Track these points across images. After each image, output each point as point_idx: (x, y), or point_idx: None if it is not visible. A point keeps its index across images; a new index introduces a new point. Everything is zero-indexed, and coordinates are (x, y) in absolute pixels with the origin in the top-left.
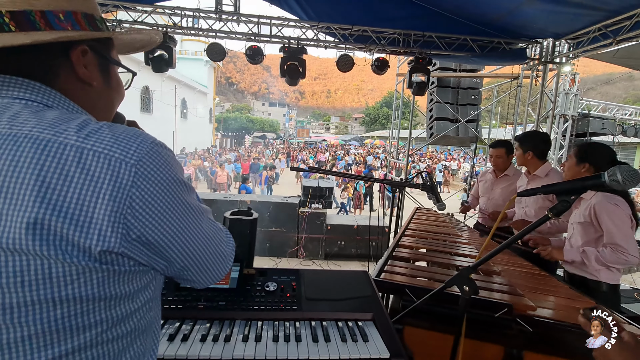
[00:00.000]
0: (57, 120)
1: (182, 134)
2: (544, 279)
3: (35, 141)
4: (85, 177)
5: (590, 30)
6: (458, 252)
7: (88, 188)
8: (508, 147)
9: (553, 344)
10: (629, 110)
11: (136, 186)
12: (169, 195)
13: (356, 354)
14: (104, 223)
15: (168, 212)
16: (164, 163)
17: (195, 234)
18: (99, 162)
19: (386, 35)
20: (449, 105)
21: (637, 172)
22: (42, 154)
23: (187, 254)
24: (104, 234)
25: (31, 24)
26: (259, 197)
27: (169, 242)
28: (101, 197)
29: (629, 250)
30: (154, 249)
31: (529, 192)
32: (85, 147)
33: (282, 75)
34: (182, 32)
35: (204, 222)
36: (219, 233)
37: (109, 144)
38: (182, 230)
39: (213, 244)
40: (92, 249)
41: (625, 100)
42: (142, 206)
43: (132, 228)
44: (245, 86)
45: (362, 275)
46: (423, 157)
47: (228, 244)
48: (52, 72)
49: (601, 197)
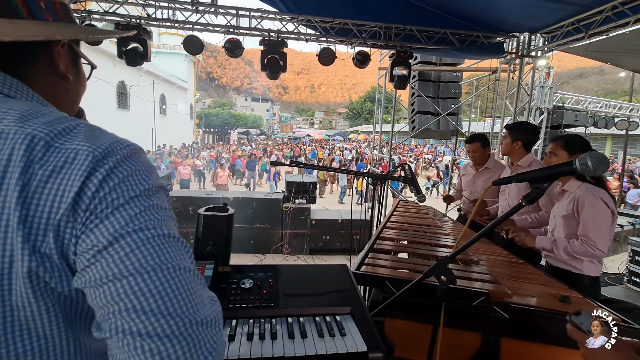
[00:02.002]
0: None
1: (162, 130)
2: (520, 267)
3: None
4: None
5: (564, 24)
6: (439, 243)
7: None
8: (483, 140)
9: (528, 330)
10: (600, 102)
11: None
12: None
13: (333, 349)
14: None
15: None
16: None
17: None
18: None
19: (367, 29)
20: (430, 98)
21: (606, 158)
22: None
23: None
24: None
25: (13, 11)
26: (242, 193)
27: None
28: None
29: (597, 244)
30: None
31: (504, 180)
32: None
33: (262, 69)
34: (157, 24)
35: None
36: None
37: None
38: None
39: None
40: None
41: (597, 93)
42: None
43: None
44: (227, 81)
45: (341, 269)
46: (402, 150)
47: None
48: (27, 64)
49: (585, 189)
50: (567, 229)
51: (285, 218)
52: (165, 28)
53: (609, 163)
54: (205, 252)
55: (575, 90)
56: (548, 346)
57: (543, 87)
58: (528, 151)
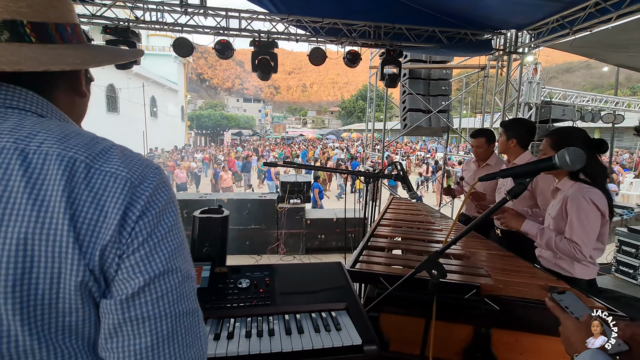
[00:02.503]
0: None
1: (153, 133)
2: (510, 260)
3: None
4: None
5: (549, 21)
6: (431, 238)
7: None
8: (488, 136)
9: (518, 320)
10: (586, 97)
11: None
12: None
13: (329, 343)
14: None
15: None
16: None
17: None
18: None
19: (357, 28)
20: (420, 96)
21: (583, 153)
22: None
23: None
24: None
25: (49, 37)
26: (236, 195)
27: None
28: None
29: (582, 248)
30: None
31: (489, 176)
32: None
33: (253, 70)
34: (146, 26)
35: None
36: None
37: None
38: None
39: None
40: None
41: (584, 87)
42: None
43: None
44: (218, 82)
45: (335, 266)
46: (395, 148)
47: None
48: (53, 84)
49: (577, 188)
50: (557, 230)
51: (281, 218)
52: (155, 30)
53: (585, 158)
54: (202, 253)
55: (563, 85)
56: (537, 335)
57: (531, 82)
58: (524, 149)
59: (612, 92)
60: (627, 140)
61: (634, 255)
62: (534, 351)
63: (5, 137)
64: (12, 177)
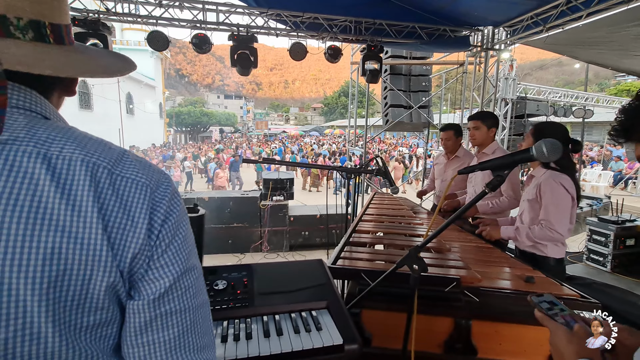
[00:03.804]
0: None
1: (130, 131)
2: (489, 251)
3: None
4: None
5: (524, 18)
6: (413, 232)
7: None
8: (456, 129)
9: (497, 311)
10: (559, 92)
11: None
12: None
13: (309, 344)
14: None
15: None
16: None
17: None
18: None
19: (338, 23)
20: (402, 92)
21: (559, 144)
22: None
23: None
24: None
25: (61, 39)
26: (217, 193)
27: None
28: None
29: (556, 227)
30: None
31: (467, 169)
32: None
33: (232, 64)
34: (117, 18)
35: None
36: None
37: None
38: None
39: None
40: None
41: (556, 84)
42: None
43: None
44: (197, 78)
45: (316, 264)
46: (377, 144)
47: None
48: (53, 84)
49: (549, 175)
50: (531, 212)
51: (264, 216)
52: (127, 23)
53: (561, 149)
54: None
55: (537, 81)
56: (515, 325)
57: (507, 79)
58: (494, 138)
59: (582, 88)
60: (596, 134)
61: (603, 244)
62: (513, 340)
63: (23, 140)
64: (41, 182)
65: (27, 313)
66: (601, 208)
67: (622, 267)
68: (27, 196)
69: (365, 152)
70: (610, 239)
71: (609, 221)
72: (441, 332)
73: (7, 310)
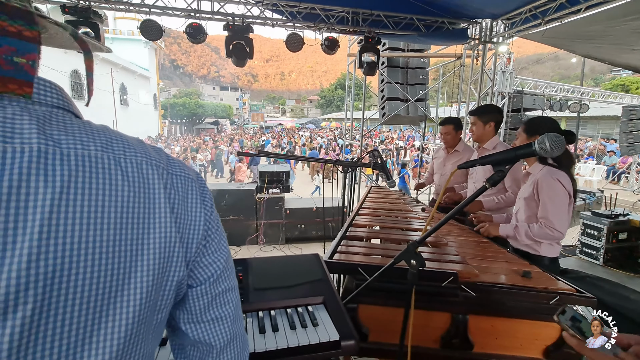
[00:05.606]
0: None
1: (124, 122)
2: (486, 246)
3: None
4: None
5: (522, 11)
6: (410, 227)
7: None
8: (456, 123)
9: (493, 306)
10: (555, 87)
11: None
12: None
13: (305, 341)
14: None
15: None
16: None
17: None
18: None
19: (335, 14)
20: (399, 85)
21: (562, 139)
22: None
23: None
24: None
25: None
26: (212, 185)
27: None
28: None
29: (555, 225)
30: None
31: (468, 164)
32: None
33: (228, 55)
34: (109, 6)
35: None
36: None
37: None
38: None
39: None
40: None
41: (552, 78)
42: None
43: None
44: (192, 69)
45: (312, 258)
46: (376, 137)
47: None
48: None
49: (546, 171)
50: (528, 210)
51: (260, 209)
52: (120, 12)
53: (564, 144)
54: None
55: (533, 75)
56: (512, 320)
57: (504, 72)
58: (496, 132)
59: (578, 82)
60: (591, 128)
61: (596, 238)
62: (509, 335)
63: (84, 144)
64: (119, 188)
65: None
66: (594, 202)
67: (615, 261)
68: (134, 202)
69: (362, 144)
70: (603, 232)
71: (603, 215)
72: (438, 327)
73: (133, 319)
